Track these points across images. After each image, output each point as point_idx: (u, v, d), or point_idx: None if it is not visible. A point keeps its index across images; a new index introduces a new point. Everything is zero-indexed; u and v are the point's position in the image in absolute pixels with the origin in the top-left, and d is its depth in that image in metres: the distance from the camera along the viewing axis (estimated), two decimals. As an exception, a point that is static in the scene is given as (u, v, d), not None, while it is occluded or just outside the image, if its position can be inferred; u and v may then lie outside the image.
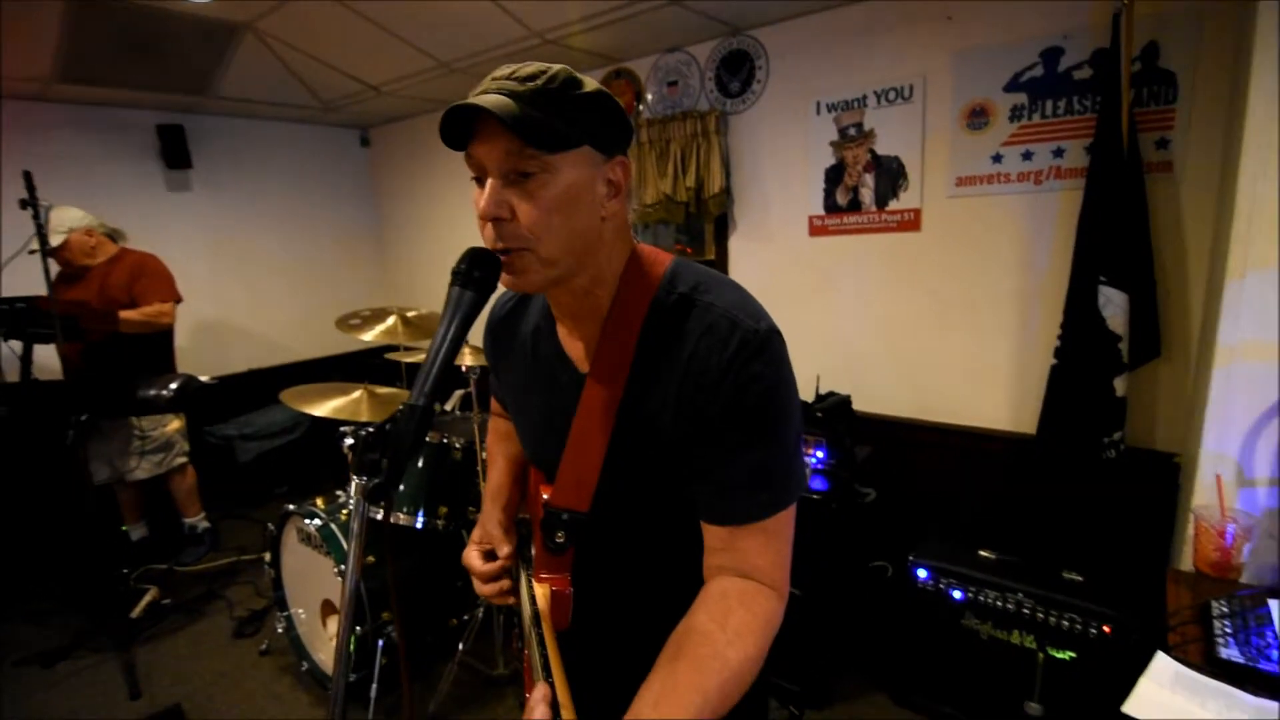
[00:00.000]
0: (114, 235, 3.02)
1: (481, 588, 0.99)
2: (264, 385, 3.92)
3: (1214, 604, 1.36)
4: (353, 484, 0.71)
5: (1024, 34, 2.13)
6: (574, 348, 0.91)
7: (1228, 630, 1.28)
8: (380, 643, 2.17)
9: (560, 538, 0.88)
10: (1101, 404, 1.99)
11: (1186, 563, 1.59)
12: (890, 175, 2.47)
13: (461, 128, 0.76)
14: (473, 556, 1.00)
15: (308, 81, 3.41)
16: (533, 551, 0.96)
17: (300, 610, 2.40)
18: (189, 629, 2.80)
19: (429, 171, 4.25)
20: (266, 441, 3.97)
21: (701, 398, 0.79)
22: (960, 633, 1.99)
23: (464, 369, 2.37)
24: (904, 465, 2.53)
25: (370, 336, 2.72)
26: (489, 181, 0.75)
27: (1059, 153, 2.15)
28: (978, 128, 2.28)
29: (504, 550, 0.99)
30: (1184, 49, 1.90)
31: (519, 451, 1.15)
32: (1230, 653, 1.22)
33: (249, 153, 4.09)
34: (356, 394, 2.55)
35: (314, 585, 2.27)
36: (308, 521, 2.19)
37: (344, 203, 4.59)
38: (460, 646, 2.32)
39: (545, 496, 0.90)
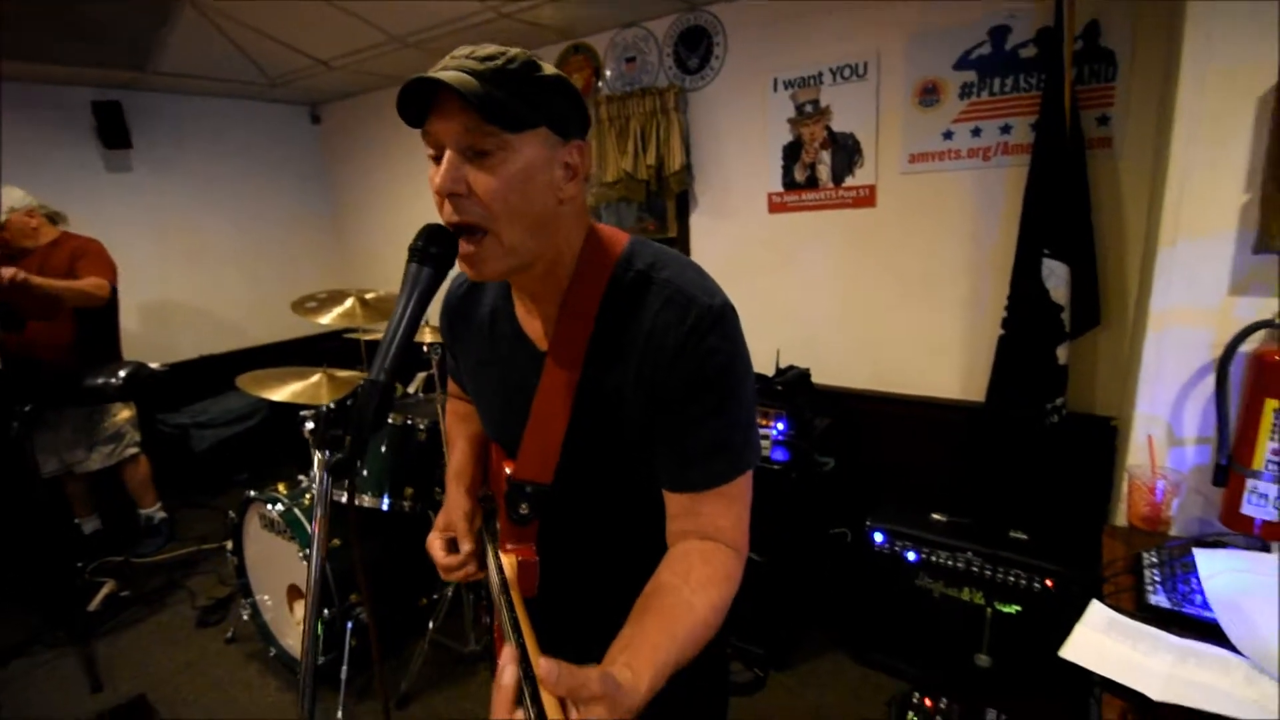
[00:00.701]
0: (54, 218, 2.90)
1: (445, 575, 1.02)
2: (218, 371, 3.81)
3: (1145, 555, 1.46)
4: (316, 460, 0.72)
5: (973, 13, 2.18)
6: (533, 326, 0.92)
7: (1156, 579, 1.37)
8: (349, 624, 2.17)
9: (524, 510, 0.90)
10: (1045, 372, 2.08)
11: (1121, 518, 1.69)
12: (846, 152, 2.51)
13: (419, 103, 0.76)
14: (435, 546, 1.02)
15: (253, 56, 3.28)
16: (498, 524, 0.98)
17: (265, 596, 2.38)
18: (150, 620, 2.75)
19: (384, 149, 4.15)
20: (223, 429, 3.88)
21: (660, 371, 0.82)
22: (915, 592, 2.09)
23: (424, 348, 2.35)
24: (861, 435, 2.61)
25: (328, 319, 2.67)
26: (446, 156, 0.75)
27: (1006, 129, 2.21)
28: (929, 105, 2.33)
29: (465, 546, 1.00)
30: (1123, 28, 1.97)
31: (479, 431, 1.16)
32: (1158, 599, 1.31)
33: (193, 131, 3.93)
34: (316, 377, 2.51)
35: (279, 571, 2.25)
36: (270, 507, 2.17)
37: (295, 182, 4.45)
38: (430, 625, 2.34)
39: (508, 471, 0.92)
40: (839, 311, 2.64)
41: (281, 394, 2.39)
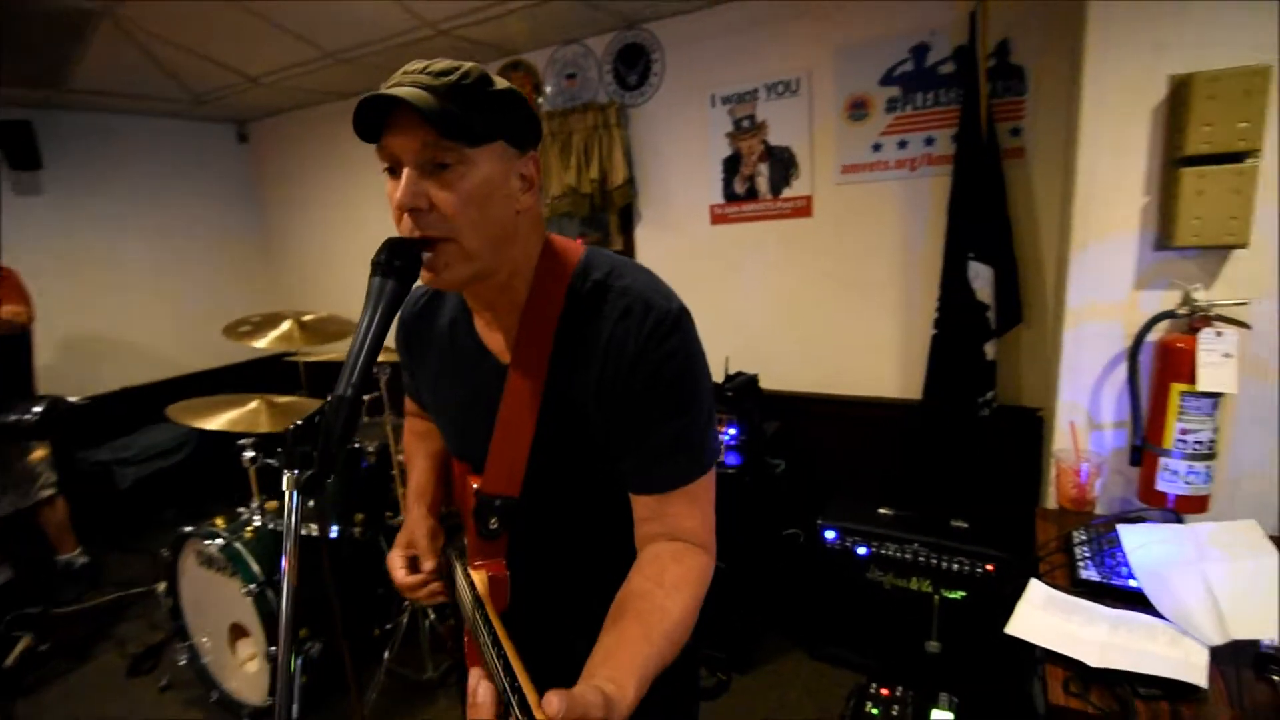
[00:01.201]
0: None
1: (406, 594, 1.00)
2: (143, 403, 3.61)
3: (1074, 534, 1.56)
4: (284, 478, 0.70)
5: (896, 31, 2.31)
6: (493, 339, 0.92)
7: (1086, 555, 1.47)
8: (299, 660, 2.08)
9: (494, 524, 0.90)
10: (975, 368, 2.20)
11: (1051, 501, 1.81)
12: (783, 164, 2.61)
13: (374, 120, 0.76)
14: (396, 565, 1.00)
15: (176, 72, 3.15)
16: (465, 541, 0.98)
17: (204, 638, 2.26)
18: (76, 673, 2.56)
19: (318, 167, 4.04)
20: (148, 464, 3.66)
21: (622, 376, 0.84)
22: (866, 585, 2.16)
23: (373, 369, 2.29)
24: (809, 436, 2.70)
25: (263, 343, 2.59)
26: (405, 172, 0.76)
27: (930, 141, 2.35)
28: (859, 119, 2.45)
29: (428, 564, 0.99)
30: (1031, 46, 2.13)
31: (439, 448, 1.15)
32: (1089, 573, 1.41)
33: (110, 151, 3.73)
34: (253, 404, 2.41)
35: (220, 610, 2.14)
36: (209, 543, 2.07)
37: (222, 203, 4.28)
38: (386, 655, 2.26)
39: (475, 485, 0.92)
40: (782, 318, 2.73)
41: (216, 423, 2.28)
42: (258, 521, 2.23)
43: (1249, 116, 1.41)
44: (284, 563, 0.73)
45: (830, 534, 2.20)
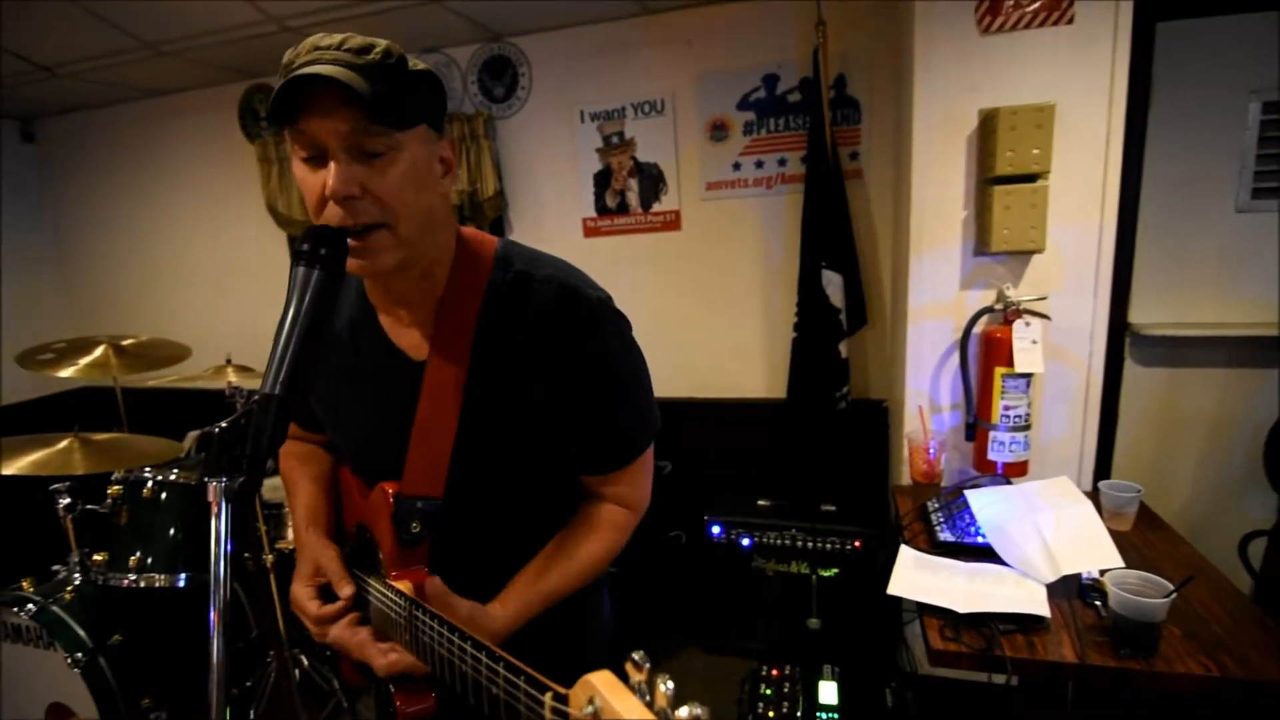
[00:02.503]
0: None
1: (321, 631, 0.90)
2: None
3: (929, 504, 1.78)
4: (210, 489, 0.63)
5: (749, 62, 2.52)
6: (405, 336, 0.90)
7: (941, 520, 1.69)
8: (144, 734, 1.80)
9: (416, 528, 0.86)
10: (831, 366, 2.44)
11: (905, 478, 2.05)
12: (652, 180, 2.73)
13: (291, 101, 0.71)
14: (305, 599, 0.91)
15: (-65, 55, 2.64)
16: (381, 554, 0.92)
17: (8, 728, 1.88)
18: None
19: (131, 174, 3.53)
20: (-99, 530, 2.97)
21: (560, 365, 0.85)
22: (752, 574, 2.29)
23: (225, 393, 2.06)
24: (690, 439, 2.81)
25: (70, 373, 2.25)
26: (336, 160, 0.72)
27: (783, 162, 2.58)
28: (719, 139, 2.63)
29: (346, 589, 0.91)
30: (863, 81, 2.42)
31: (324, 471, 1.08)
32: (946, 536, 1.62)
33: None
34: (64, 443, 2.07)
35: (34, 688, 1.80)
36: (18, 611, 1.73)
37: (2, 212, 3.61)
38: (252, 714, 2.02)
39: (392, 490, 0.88)
40: (656, 327, 2.83)
41: (17, 466, 1.92)
42: (78, 579, 1.90)
43: (1040, 144, 1.72)
44: (211, 613, 0.65)
45: (716, 529, 2.32)
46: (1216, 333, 2.17)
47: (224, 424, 0.65)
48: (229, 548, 0.64)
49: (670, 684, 0.44)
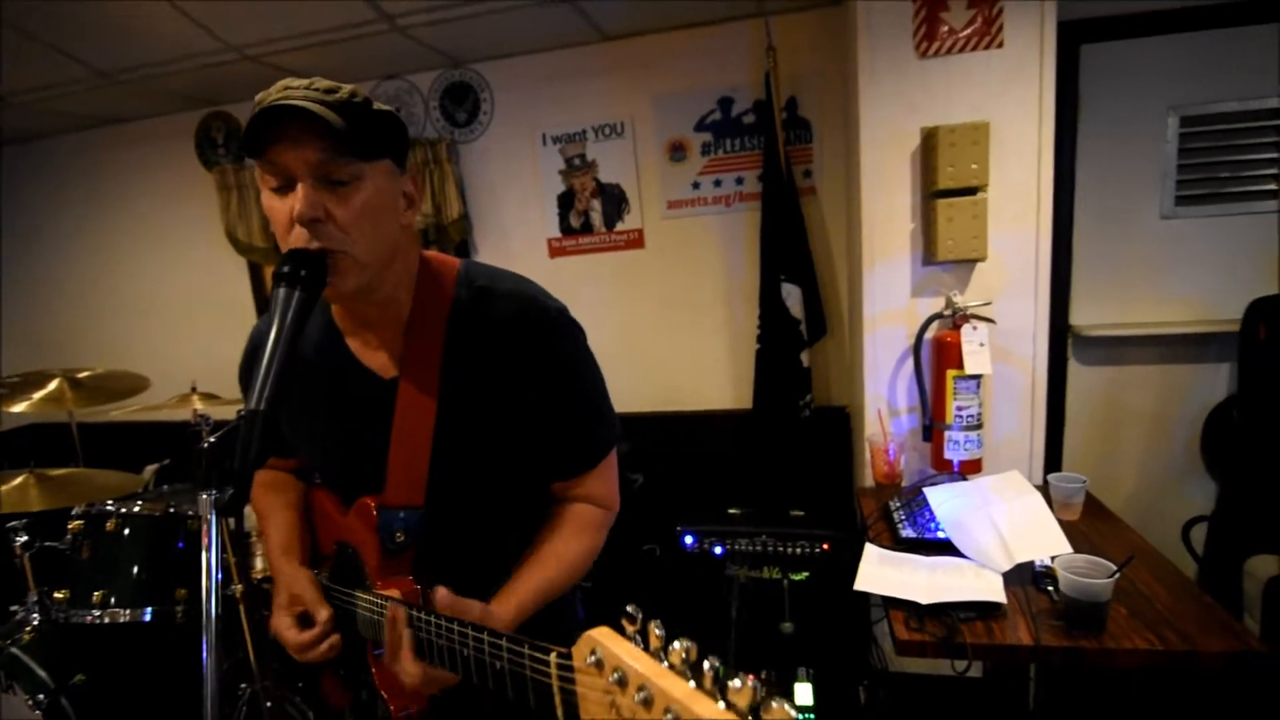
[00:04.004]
0: None
1: (304, 653, 0.94)
2: None
3: (891, 503, 1.86)
4: (200, 501, 0.66)
5: (704, 85, 2.61)
6: (374, 357, 0.94)
7: (903, 518, 1.76)
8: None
9: (400, 537, 0.91)
10: (794, 375, 2.52)
11: (868, 479, 2.13)
12: (614, 200, 2.79)
13: (263, 133, 0.75)
14: (285, 626, 0.95)
15: (-126, 86, 2.57)
16: (366, 567, 0.95)
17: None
18: None
19: (87, 199, 3.42)
20: None
21: (527, 371, 0.90)
22: (725, 581, 2.33)
23: (190, 425, 2.03)
24: (660, 452, 2.84)
25: (23, 408, 2.20)
26: (304, 185, 0.76)
27: (740, 181, 2.67)
28: (679, 160, 2.71)
29: (323, 613, 0.95)
30: (814, 102, 2.53)
31: (296, 498, 1.11)
32: (908, 532, 1.69)
33: None
34: (19, 480, 2.02)
35: (-11, 735, 1.73)
36: (-29, 654, 1.67)
37: (-62, 245, 3.49)
38: (221, 749, 1.97)
39: (374, 503, 0.92)
40: (622, 343, 2.88)
41: (-32, 506, 1.87)
42: (36, 619, 1.85)
43: (977, 159, 1.84)
44: (204, 648, 0.66)
45: (689, 538, 2.35)
46: (1152, 331, 2.32)
47: (214, 439, 0.67)
48: (220, 559, 0.67)
49: (662, 629, 0.49)
